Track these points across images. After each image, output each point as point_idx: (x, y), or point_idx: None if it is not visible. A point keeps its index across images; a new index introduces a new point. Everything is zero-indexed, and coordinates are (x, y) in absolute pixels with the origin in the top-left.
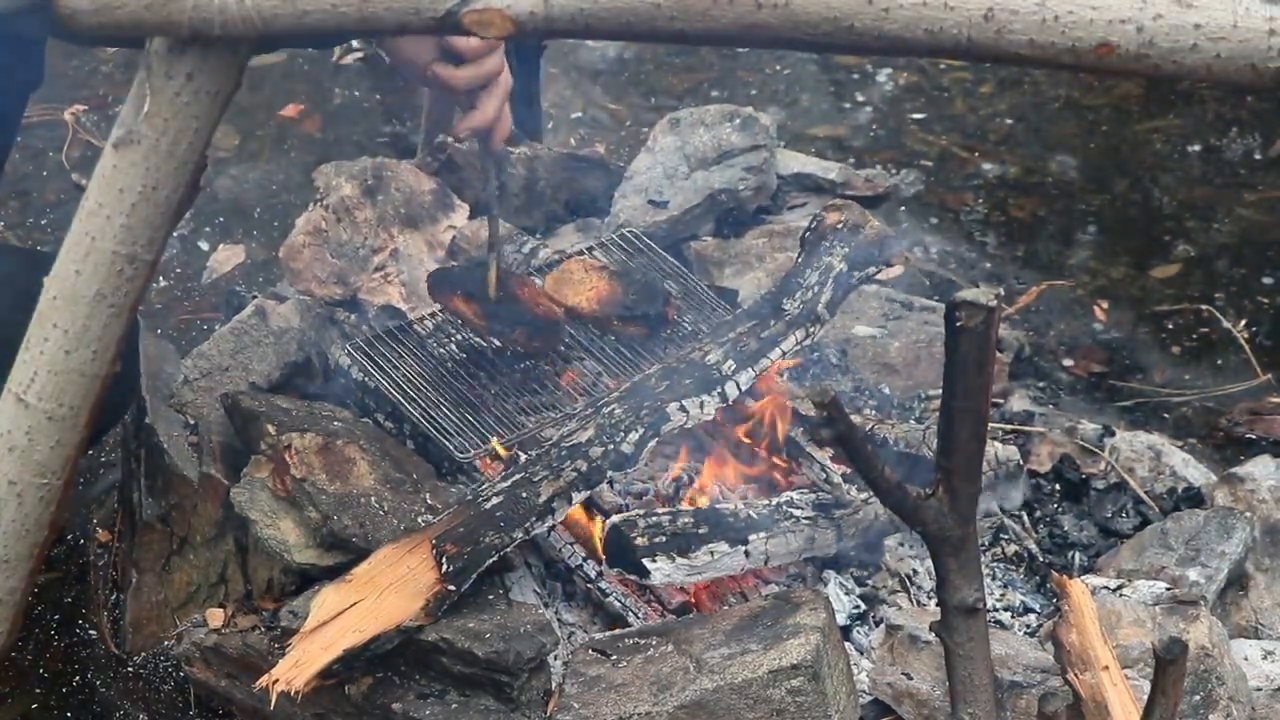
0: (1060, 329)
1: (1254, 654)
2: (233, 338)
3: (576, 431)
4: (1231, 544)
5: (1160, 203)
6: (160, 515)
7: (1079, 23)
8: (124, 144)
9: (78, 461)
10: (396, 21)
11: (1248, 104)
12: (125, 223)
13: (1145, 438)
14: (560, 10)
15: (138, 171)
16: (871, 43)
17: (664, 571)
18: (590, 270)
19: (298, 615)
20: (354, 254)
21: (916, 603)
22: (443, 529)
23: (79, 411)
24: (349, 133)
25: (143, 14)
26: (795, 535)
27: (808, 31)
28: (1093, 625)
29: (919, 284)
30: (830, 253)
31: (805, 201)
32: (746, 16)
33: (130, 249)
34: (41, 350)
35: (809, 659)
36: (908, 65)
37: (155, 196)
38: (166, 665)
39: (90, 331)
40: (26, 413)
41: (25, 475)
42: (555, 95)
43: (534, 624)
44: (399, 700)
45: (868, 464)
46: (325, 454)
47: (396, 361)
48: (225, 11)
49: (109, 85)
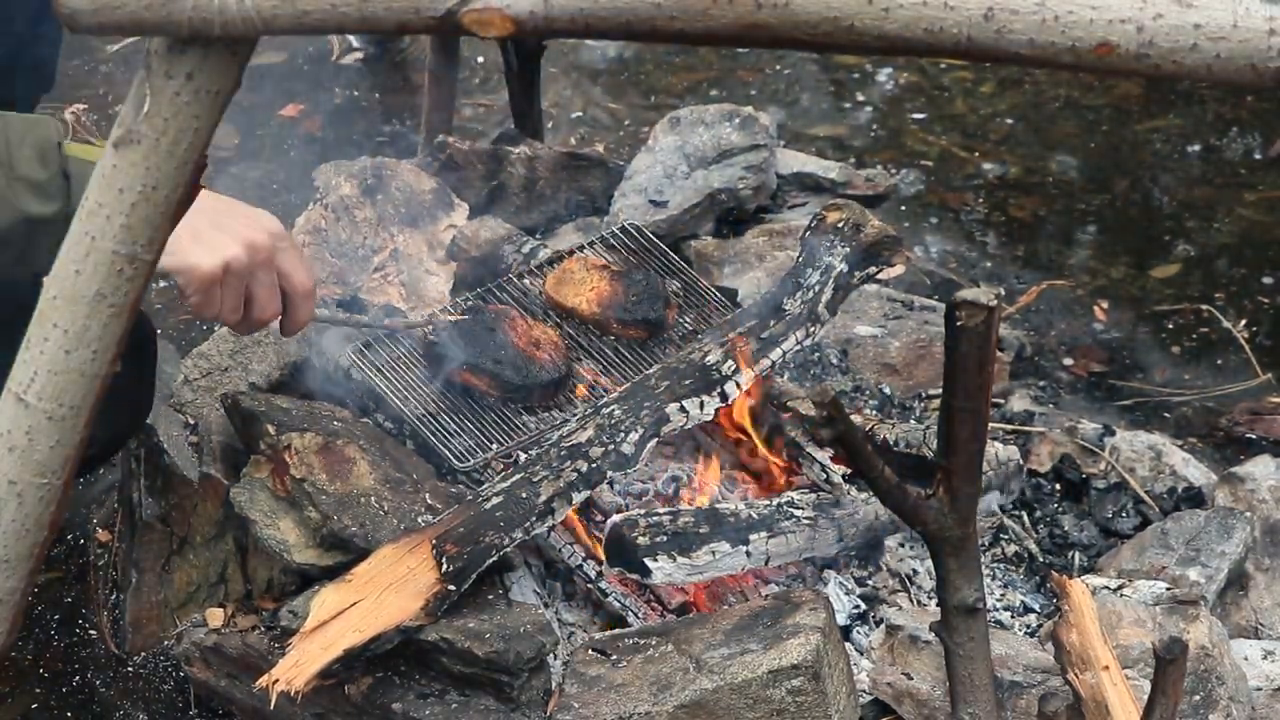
0: (1060, 329)
1: (1254, 654)
2: (233, 338)
3: (576, 432)
4: (1231, 544)
5: (1160, 203)
6: (160, 515)
7: (1079, 23)
8: (124, 144)
9: (78, 461)
10: (396, 21)
11: (1248, 104)
12: (125, 223)
13: (1145, 437)
14: (560, 10)
15: (138, 171)
16: (871, 43)
17: (665, 571)
18: (591, 270)
19: (298, 615)
20: (354, 254)
21: (916, 603)
22: (443, 529)
23: (79, 411)
24: (349, 133)
25: (142, 14)
26: (795, 535)
27: (808, 31)
28: (1093, 625)
29: (919, 284)
30: (830, 252)
31: (805, 201)
32: (746, 16)
33: (130, 249)
34: (41, 350)
35: (809, 659)
36: (908, 65)
37: (155, 196)
38: (166, 665)
39: (90, 331)
40: (26, 413)
41: (25, 475)
42: (555, 95)
43: (534, 624)
44: (399, 700)
45: (868, 464)
46: (325, 454)
47: (396, 363)
48: (225, 11)
49: (109, 85)
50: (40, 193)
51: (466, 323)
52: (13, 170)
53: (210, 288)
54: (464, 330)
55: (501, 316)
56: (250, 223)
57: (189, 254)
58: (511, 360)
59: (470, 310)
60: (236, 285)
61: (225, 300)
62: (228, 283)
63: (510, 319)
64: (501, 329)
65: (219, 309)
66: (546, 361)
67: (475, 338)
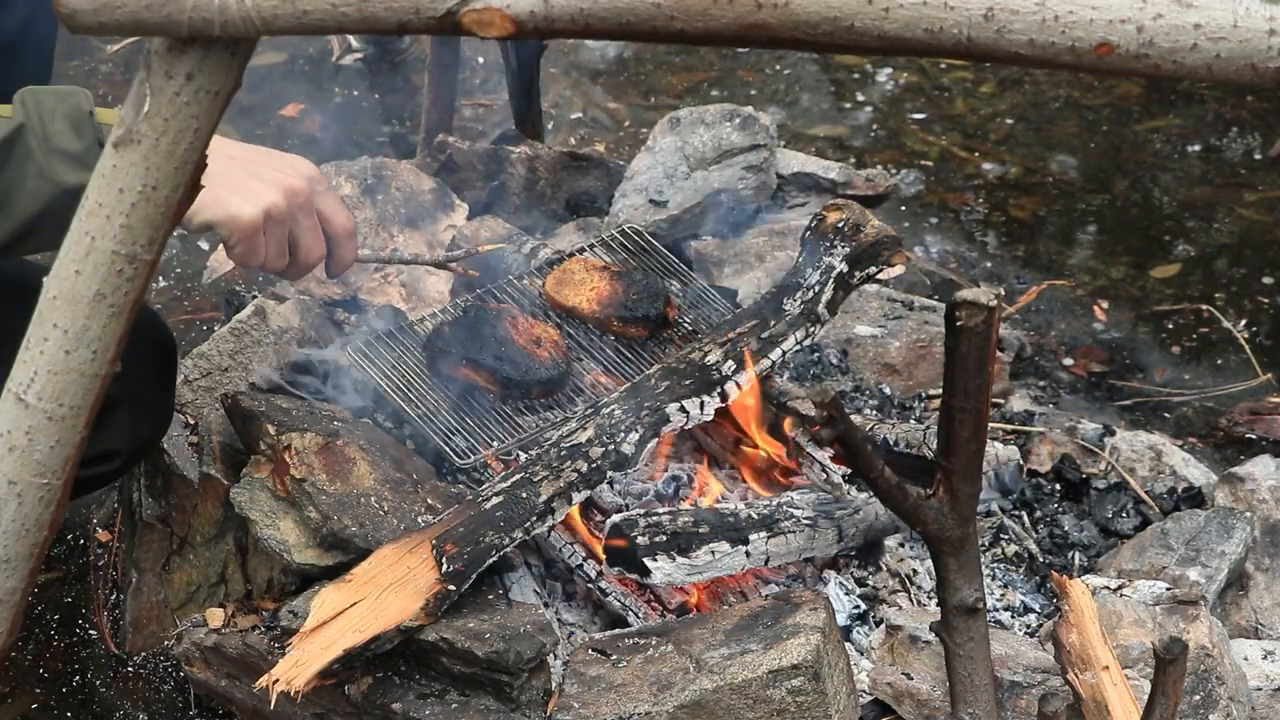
0: (1060, 329)
1: (1254, 654)
2: (233, 338)
3: (576, 432)
4: (1231, 544)
5: (1160, 203)
6: (160, 515)
7: (1079, 23)
8: (124, 144)
9: (78, 461)
10: (396, 21)
11: (1248, 104)
12: (125, 223)
13: (1145, 437)
14: (560, 10)
15: (138, 171)
16: (871, 43)
17: (665, 571)
18: (591, 270)
19: (298, 615)
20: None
21: (916, 603)
22: (443, 529)
23: (79, 411)
24: (349, 133)
25: (143, 14)
26: (795, 535)
27: (808, 31)
28: (1093, 625)
29: (919, 284)
30: (830, 252)
31: (805, 201)
32: (746, 16)
33: (130, 249)
34: (41, 350)
35: (809, 659)
36: (908, 65)
37: (155, 196)
38: (166, 665)
39: (90, 331)
40: (26, 413)
41: (25, 475)
42: (555, 95)
43: (534, 624)
44: (399, 700)
45: (868, 464)
46: (325, 454)
47: (396, 362)
48: (225, 11)
49: (109, 85)
50: (78, 163)
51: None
52: (48, 143)
53: (254, 236)
54: (466, 326)
55: (504, 314)
56: (286, 168)
57: (229, 205)
58: (511, 357)
59: (504, 240)
60: (279, 232)
61: (270, 248)
62: (270, 230)
63: (512, 317)
64: (503, 326)
65: (264, 256)
66: (546, 359)
67: (477, 333)
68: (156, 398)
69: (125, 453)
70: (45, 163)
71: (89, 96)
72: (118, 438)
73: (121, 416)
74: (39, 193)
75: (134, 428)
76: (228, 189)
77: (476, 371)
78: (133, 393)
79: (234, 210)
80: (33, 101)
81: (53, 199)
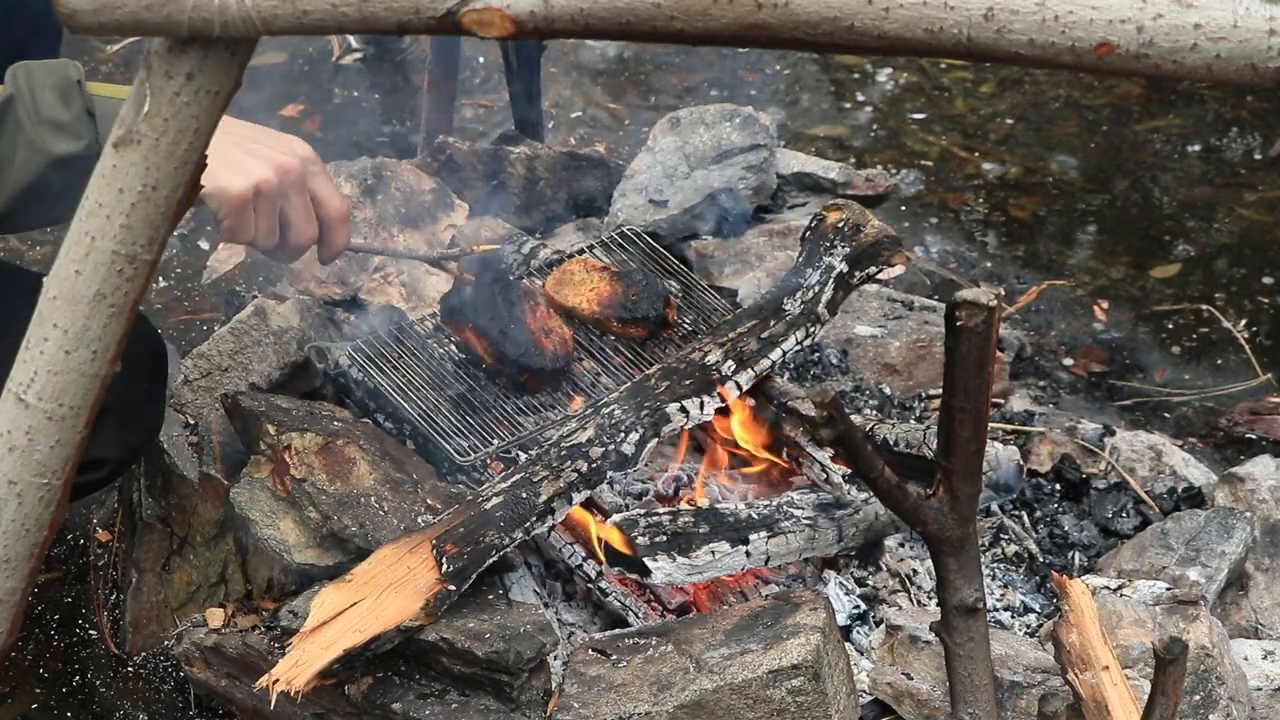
0: (1060, 329)
1: (1254, 654)
2: (233, 338)
3: (576, 432)
4: (1231, 544)
5: (1160, 203)
6: (160, 515)
7: (1079, 23)
8: (124, 144)
9: (78, 461)
10: (396, 21)
11: (1248, 104)
12: (125, 223)
13: (1145, 437)
14: (560, 10)
15: (138, 171)
16: (871, 43)
17: (665, 570)
18: (591, 270)
19: (298, 615)
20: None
21: (916, 603)
22: (443, 529)
23: (79, 411)
24: (349, 133)
25: (143, 14)
26: (795, 535)
27: (808, 31)
28: (1093, 625)
29: (919, 284)
30: (830, 252)
31: (805, 201)
32: (746, 16)
33: (130, 249)
34: (41, 350)
35: (809, 659)
36: (908, 65)
37: (155, 196)
38: (166, 665)
39: (90, 331)
40: (26, 413)
41: (25, 475)
42: (555, 95)
43: (534, 624)
44: (399, 700)
45: (868, 464)
46: (325, 454)
47: (396, 362)
48: (225, 11)
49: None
50: (67, 132)
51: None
52: (38, 114)
53: (242, 210)
54: (488, 292)
55: (527, 296)
56: (280, 146)
57: (218, 177)
58: (516, 336)
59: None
60: (268, 208)
61: (259, 224)
62: (259, 206)
63: (535, 301)
64: (522, 307)
65: (253, 232)
66: (548, 351)
67: (493, 303)
68: (147, 407)
69: (113, 461)
70: (35, 133)
71: (79, 67)
72: (107, 446)
73: (111, 424)
74: (29, 163)
75: (123, 436)
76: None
77: (478, 337)
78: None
79: (223, 183)
80: (24, 75)
81: (44, 169)
